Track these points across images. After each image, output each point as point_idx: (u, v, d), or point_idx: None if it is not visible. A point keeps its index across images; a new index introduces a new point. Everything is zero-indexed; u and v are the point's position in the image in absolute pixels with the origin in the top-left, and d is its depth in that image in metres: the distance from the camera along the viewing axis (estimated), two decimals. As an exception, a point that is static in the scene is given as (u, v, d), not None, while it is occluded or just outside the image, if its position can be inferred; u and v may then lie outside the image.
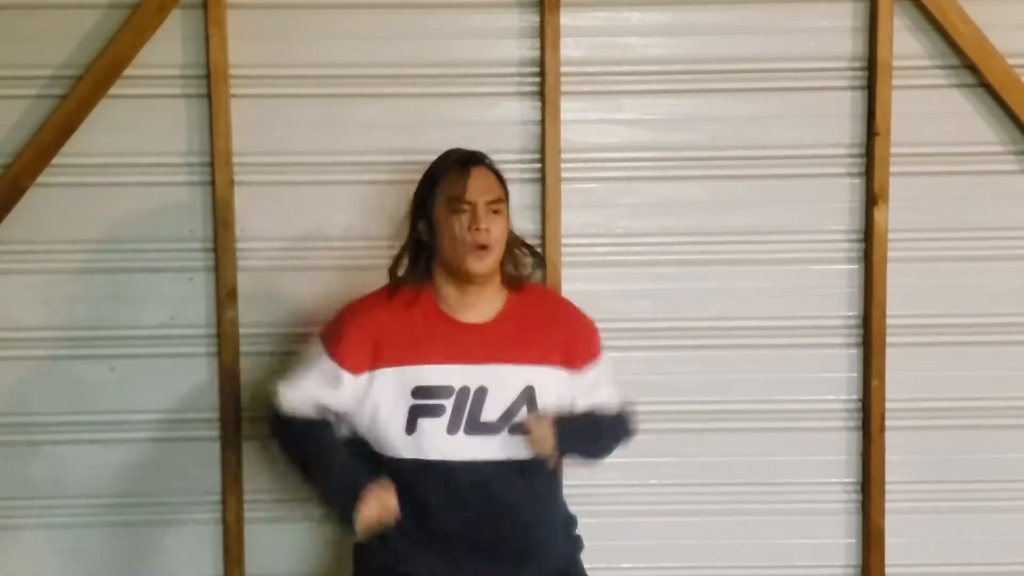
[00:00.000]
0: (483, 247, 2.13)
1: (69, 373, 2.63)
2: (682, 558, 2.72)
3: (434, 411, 2.16)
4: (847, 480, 2.72)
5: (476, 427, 2.16)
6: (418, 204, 2.21)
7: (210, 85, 2.55)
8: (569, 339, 2.25)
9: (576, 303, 2.37)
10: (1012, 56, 2.59)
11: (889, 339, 2.65)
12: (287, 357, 2.63)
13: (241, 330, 2.62)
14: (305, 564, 2.69)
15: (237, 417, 2.63)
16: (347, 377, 2.18)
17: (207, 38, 2.54)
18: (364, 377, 2.18)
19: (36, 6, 2.55)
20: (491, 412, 2.16)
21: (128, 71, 2.54)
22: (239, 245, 2.60)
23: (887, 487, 2.68)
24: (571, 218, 2.62)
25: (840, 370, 2.69)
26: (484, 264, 2.15)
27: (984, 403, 2.70)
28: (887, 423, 2.67)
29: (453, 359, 2.17)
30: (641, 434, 2.63)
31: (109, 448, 2.65)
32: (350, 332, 2.20)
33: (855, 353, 2.69)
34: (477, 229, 2.13)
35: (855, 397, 2.70)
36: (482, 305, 2.21)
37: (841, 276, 2.67)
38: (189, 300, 2.63)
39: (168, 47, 2.56)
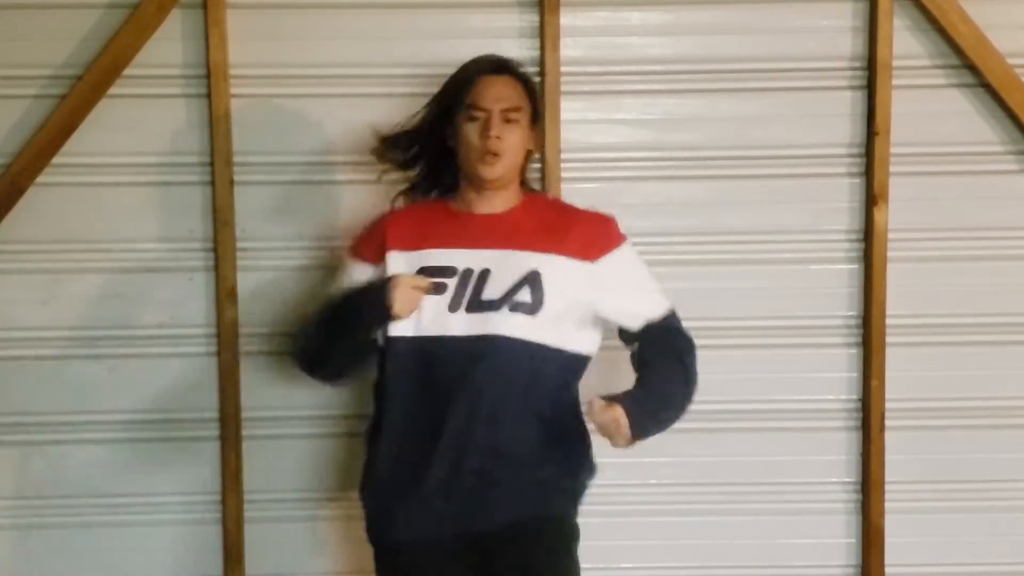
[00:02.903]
0: (495, 154, 2.17)
1: (69, 373, 2.63)
2: (682, 558, 2.72)
3: (437, 289, 2.17)
4: (847, 480, 2.72)
5: (477, 305, 2.16)
6: (444, 106, 2.25)
7: (210, 85, 2.55)
8: (584, 231, 2.23)
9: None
10: (1012, 56, 2.59)
11: (889, 339, 2.65)
12: (287, 357, 2.63)
13: (241, 330, 2.62)
14: (305, 564, 2.69)
15: (237, 417, 2.63)
16: (368, 267, 2.24)
17: (207, 38, 2.54)
18: (381, 266, 2.22)
19: (36, 6, 2.56)
20: (492, 291, 2.16)
21: (128, 71, 2.54)
22: (239, 245, 2.60)
23: (887, 487, 2.68)
24: (571, 218, 2.62)
25: (840, 370, 2.69)
26: (494, 171, 2.19)
27: (984, 403, 2.70)
28: (887, 423, 2.67)
29: (459, 244, 2.20)
30: (641, 434, 2.63)
31: (109, 448, 2.65)
32: (362, 232, 2.33)
33: (855, 353, 2.69)
34: (487, 137, 2.16)
35: (855, 397, 2.70)
36: (497, 201, 2.25)
37: (841, 276, 2.67)
38: (189, 300, 2.63)
39: (168, 47, 2.56)
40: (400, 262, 2.20)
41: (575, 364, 2.23)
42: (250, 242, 2.61)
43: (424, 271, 2.18)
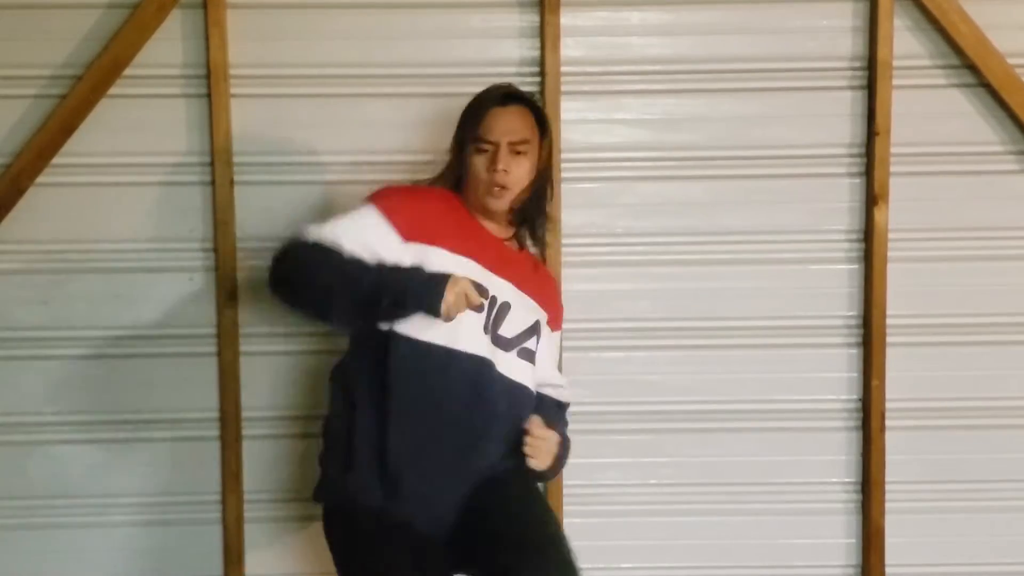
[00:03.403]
0: (501, 187, 2.20)
1: (69, 373, 2.63)
2: (682, 558, 2.72)
3: (478, 307, 2.16)
4: (847, 480, 2.72)
5: (497, 339, 2.21)
6: (459, 138, 2.28)
7: (210, 85, 2.55)
8: (552, 300, 2.37)
9: (576, 301, 2.48)
10: (1012, 56, 2.59)
11: (889, 339, 2.65)
12: (287, 357, 2.64)
13: (241, 330, 2.62)
14: (305, 564, 2.69)
15: (237, 417, 2.63)
16: (395, 238, 2.15)
17: (207, 38, 2.54)
18: (415, 248, 2.15)
19: (36, 6, 2.56)
20: (508, 329, 2.22)
21: (128, 71, 2.54)
22: (239, 245, 2.60)
23: (887, 487, 2.68)
24: (571, 218, 2.62)
25: (840, 370, 2.69)
26: (501, 203, 2.23)
27: (984, 403, 2.70)
28: (887, 423, 2.67)
29: (490, 266, 2.22)
30: (641, 434, 2.64)
31: (109, 448, 2.65)
32: (406, 199, 2.22)
33: (855, 353, 2.69)
34: (495, 171, 2.18)
35: (855, 397, 2.70)
36: (499, 222, 2.28)
37: (841, 276, 2.67)
38: (189, 300, 2.63)
39: (168, 47, 2.56)
40: (445, 261, 2.15)
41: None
42: (250, 242, 2.61)
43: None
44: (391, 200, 2.21)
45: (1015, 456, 2.72)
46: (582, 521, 2.60)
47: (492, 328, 2.20)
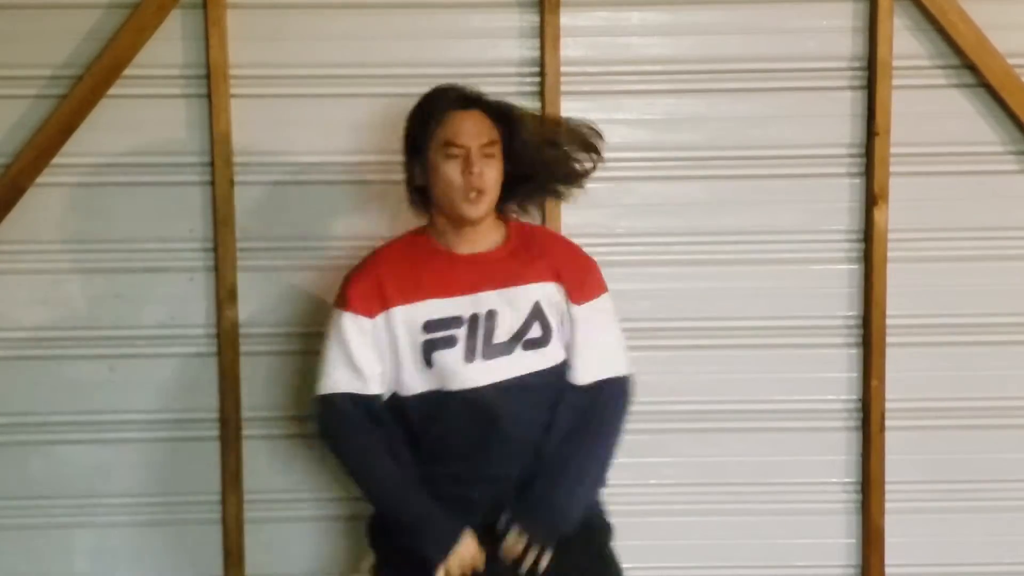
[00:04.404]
0: (479, 191, 2.14)
1: (69, 373, 2.63)
2: (682, 558, 2.72)
3: (448, 342, 2.15)
4: (847, 480, 2.72)
5: (492, 350, 2.16)
6: (412, 145, 2.21)
7: (210, 85, 2.55)
8: (573, 270, 2.24)
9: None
10: (1012, 56, 2.59)
11: (889, 339, 2.65)
12: (287, 357, 2.64)
13: (241, 330, 2.62)
14: (305, 564, 2.69)
15: (237, 417, 2.63)
16: (366, 322, 2.17)
17: (207, 38, 2.54)
18: (380, 319, 2.17)
19: (36, 6, 2.55)
20: (503, 333, 2.16)
21: (128, 71, 2.54)
22: (239, 245, 2.60)
23: (887, 487, 2.68)
24: (571, 218, 2.62)
25: (840, 370, 2.69)
26: (479, 209, 2.15)
27: (984, 403, 2.70)
28: (887, 423, 2.67)
29: (457, 291, 2.17)
30: (641, 434, 2.63)
31: (109, 448, 2.65)
32: (355, 283, 2.21)
33: (855, 353, 2.69)
34: (471, 174, 2.13)
35: (855, 397, 2.70)
36: (479, 238, 2.22)
37: (841, 276, 2.67)
38: (189, 300, 2.63)
39: (168, 47, 2.56)
40: (400, 318, 2.16)
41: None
42: (250, 242, 2.61)
43: (430, 325, 2.16)
44: (349, 293, 2.20)
45: (1015, 456, 2.72)
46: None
47: (483, 348, 2.16)
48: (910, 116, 2.61)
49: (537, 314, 2.19)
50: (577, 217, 2.62)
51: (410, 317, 2.16)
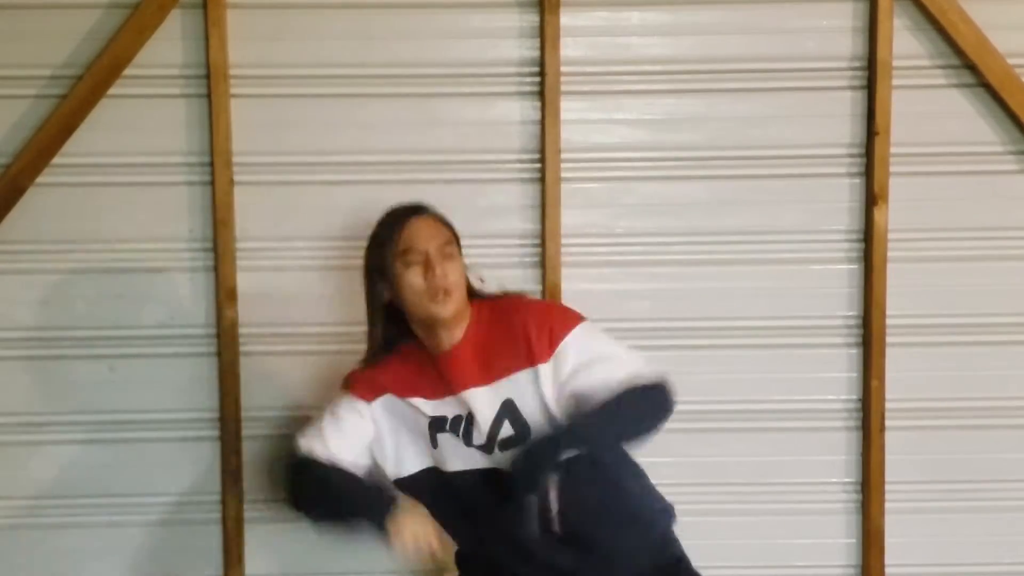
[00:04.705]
0: (445, 291, 2.13)
1: (69, 373, 2.63)
2: (682, 558, 2.72)
3: (451, 426, 2.19)
4: (847, 480, 2.72)
5: (474, 452, 2.19)
6: (375, 268, 2.20)
7: (210, 85, 2.55)
8: (527, 336, 2.16)
9: (576, 302, 2.36)
10: (1012, 56, 2.59)
11: (889, 339, 2.65)
12: (287, 357, 2.63)
13: (241, 330, 2.62)
14: (305, 564, 2.69)
15: (237, 417, 2.63)
16: (362, 405, 2.22)
17: (207, 38, 2.54)
18: (377, 404, 2.22)
19: (36, 6, 2.56)
20: (478, 436, 2.17)
21: (128, 71, 2.54)
22: (239, 245, 2.60)
23: (887, 487, 2.68)
24: (571, 218, 2.62)
25: (840, 370, 2.69)
26: (448, 308, 2.14)
27: (984, 403, 2.70)
28: (887, 423, 2.67)
29: (440, 394, 2.19)
30: (641, 434, 2.63)
31: (109, 448, 2.65)
32: (367, 371, 2.26)
33: (855, 353, 2.69)
34: (434, 275, 2.13)
35: (855, 397, 2.70)
36: (456, 332, 2.20)
37: (841, 276, 2.67)
38: (189, 300, 2.63)
39: (168, 47, 2.56)
40: (399, 406, 2.21)
41: None
42: (250, 242, 2.61)
43: (431, 421, 2.20)
44: (354, 379, 2.26)
45: (1015, 456, 2.72)
46: (582, 521, 2.59)
47: (467, 442, 2.18)
48: (910, 116, 2.61)
49: (508, 412, 2.16)
50: (577, 217, 2.62)
51: (392, 408, 2.22)
